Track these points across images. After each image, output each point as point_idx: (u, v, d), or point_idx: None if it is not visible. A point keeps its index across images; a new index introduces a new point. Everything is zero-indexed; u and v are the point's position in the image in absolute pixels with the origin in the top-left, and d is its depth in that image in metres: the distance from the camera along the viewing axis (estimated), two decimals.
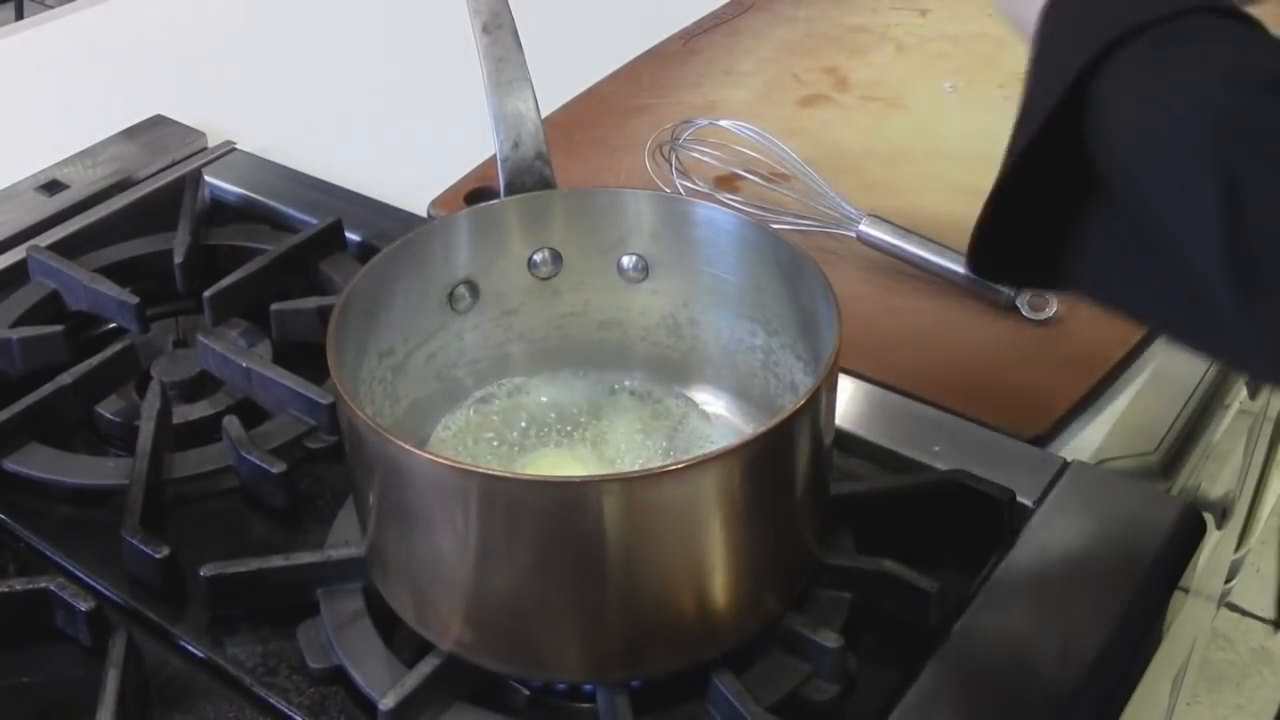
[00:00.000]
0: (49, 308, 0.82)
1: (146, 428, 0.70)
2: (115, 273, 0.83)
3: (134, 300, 0.80)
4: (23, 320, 0.81)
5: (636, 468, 0.65)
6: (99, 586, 0.65)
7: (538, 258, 0.68)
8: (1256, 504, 1.30)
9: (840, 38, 1.11)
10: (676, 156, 0.89)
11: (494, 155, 0.67)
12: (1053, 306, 0.77)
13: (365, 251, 0.86)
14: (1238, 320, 0.45)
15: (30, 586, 0.63)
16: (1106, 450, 0.72)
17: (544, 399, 0.70)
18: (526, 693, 0.59)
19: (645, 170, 0.90)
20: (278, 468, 0.68)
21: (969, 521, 0.66)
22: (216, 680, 0.61)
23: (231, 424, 0.71)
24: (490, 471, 0.56)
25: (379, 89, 1.09)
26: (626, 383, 0.71)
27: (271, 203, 0.93)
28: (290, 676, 0.60)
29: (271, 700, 0.59)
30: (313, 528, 0.68)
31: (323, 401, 0.72)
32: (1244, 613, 1.88)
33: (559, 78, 0.98)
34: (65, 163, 0.95)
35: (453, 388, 0.69)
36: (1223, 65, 0.47)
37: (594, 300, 0.70)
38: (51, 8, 1.59)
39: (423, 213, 0.90)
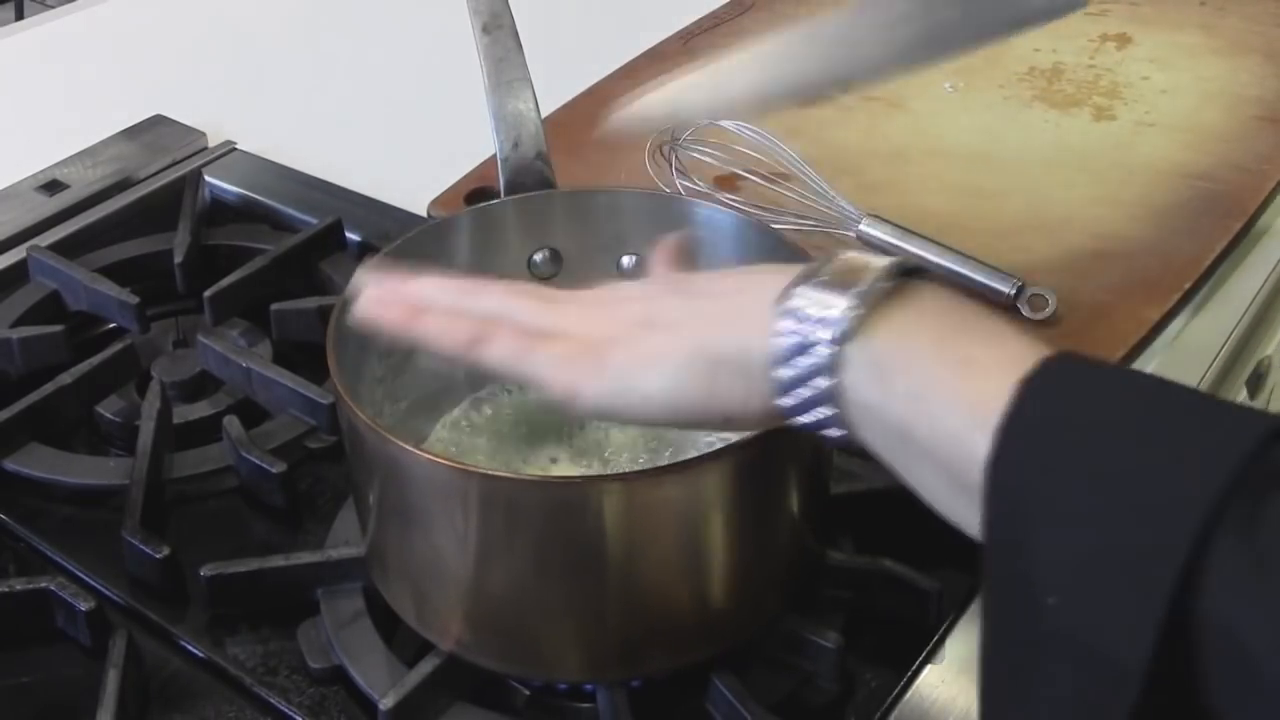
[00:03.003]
0: (49, 308, 0.82)
1: (146, 428, 0.70)
2: (115, 273, 0.83)
3: (134, 300, 0.80)
4: (23, 320, 0.81)
5: (636, 468, 0.65)
6: (99, 586, 0.65)
7: (538, 258, 0.68)
8: None
9: None
10: (677, 156, 0.89)
11: (494, 155, 0.67)
12: (1052, 306, 0.77)
13: (365, 251, 0.86)
14: None
15: (30, 586, 0.63)
16: None
17: (544, 398, 0.69)
18: (526, 693, 0.59)
19: (645, 170, 0.90)
20: (278, 468, 0.68)
21: None
22: (216, 680, 0.61)
23: (231, 424, 0.71)
24: (490, 471, 0.56)
25: (379, 89, 1.09)
26: None
27: (271, 203, 0.93)
28: (290, 676, 0.60)
29: (271, 700, 0.59)
30: (313, 528, 0.68)
31: (323, 401, 0.72)
32: None
33: (559, 78, 0.98)
34: (65, 163, 0.95)
35: (452, 388, 0.69)
36: None
37: None
38: (51, 8, 1.59)
39: (423, 213, 0.90)
